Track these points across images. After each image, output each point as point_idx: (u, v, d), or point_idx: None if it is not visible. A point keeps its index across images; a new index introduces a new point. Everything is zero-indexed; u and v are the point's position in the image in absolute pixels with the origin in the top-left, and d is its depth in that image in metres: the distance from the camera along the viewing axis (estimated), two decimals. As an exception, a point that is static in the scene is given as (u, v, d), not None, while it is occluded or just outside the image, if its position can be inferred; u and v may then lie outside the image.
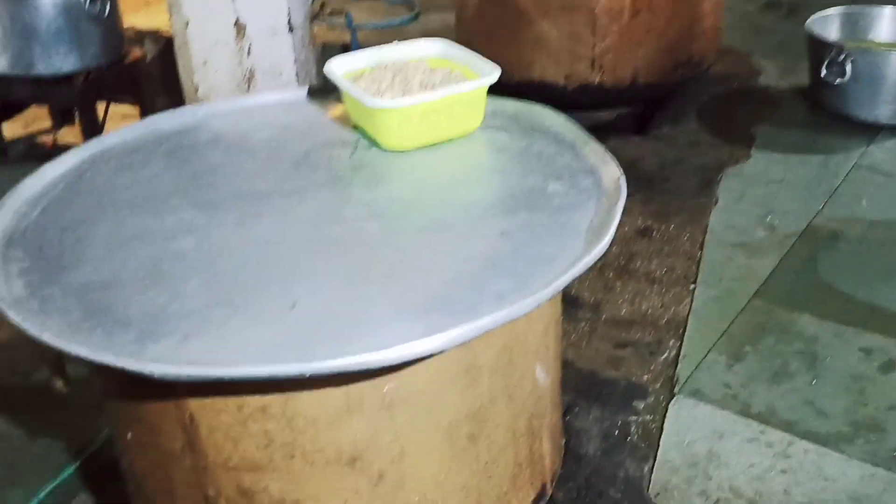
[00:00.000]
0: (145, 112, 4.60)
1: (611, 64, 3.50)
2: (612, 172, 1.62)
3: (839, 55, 3.45)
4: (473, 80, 1.79)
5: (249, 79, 4.09)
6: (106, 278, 1.42)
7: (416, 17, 5.23)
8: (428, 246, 1.47)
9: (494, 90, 1.86)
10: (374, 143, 1.83)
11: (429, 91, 1.78)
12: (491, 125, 1.88)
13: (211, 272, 1.42)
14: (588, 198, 1.57)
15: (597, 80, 3.53)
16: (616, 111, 3.79)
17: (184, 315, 1.32)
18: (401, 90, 1.81)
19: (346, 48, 4.72)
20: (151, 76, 4.67)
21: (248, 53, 4.01)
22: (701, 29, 3.61)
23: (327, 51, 4.80)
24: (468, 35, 3.84)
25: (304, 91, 2.12)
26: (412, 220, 1.56)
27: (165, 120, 1.98)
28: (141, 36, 4.97)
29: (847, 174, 3.22)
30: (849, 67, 3.42)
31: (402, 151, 1.79)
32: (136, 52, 4.55)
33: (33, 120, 4.75)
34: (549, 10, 3.45)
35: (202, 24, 3.94)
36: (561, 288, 1.30)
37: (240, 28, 3.93)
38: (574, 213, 1.52)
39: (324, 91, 2.10)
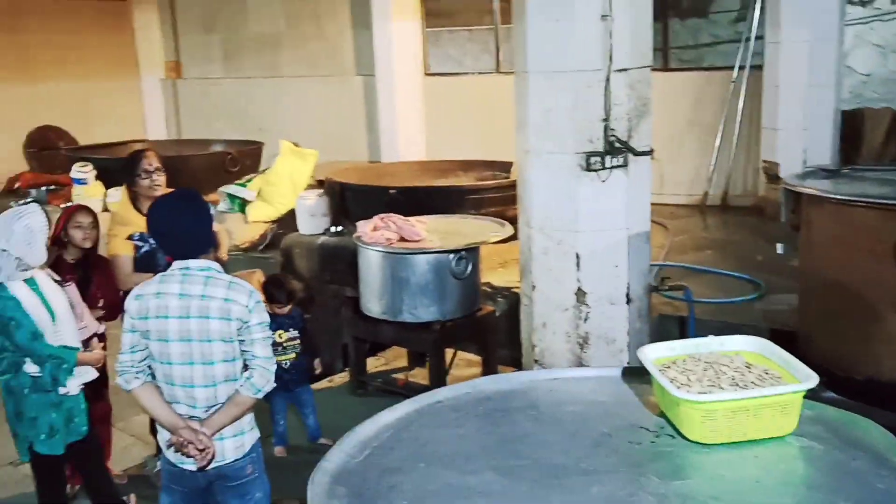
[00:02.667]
0: (488, 361, 5.00)
1: (980, 371, 3.13)
2: (941, 510, 1.44)
3: None
4: (788, 385, 1.75)
5: (583, 343, 4.30)
6: (405, 527, 1.56)
7: (760, 296, 5.16)
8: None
9: (836, 386, 1.80)
10: (677, 432, 1.83)
11: (738, 389, 1.77)
12: (806, 432, 1.79)
13: (495, 539, 1.49)
14: (907, 536, 1.40)
15: (961, 387, 3.16)
16: None
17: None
18: (710, 384, 1.82)
19: (682, 322, 4.78)
20: (498, 329, 5.10)
21: (586, 320, 4.24)
22: None
23: (663, 322, 4.89)
24: (810, 323, 3.71)
25: (618, 370, 2.20)
26: (701, 525, 1.51)
27: (488, 383, 2.18)
28: (494, 292, 5.51)
29: None
30: None
31: (704, 445, 1.77)
32: (487, 307, 5.04)
33: (394, 358, 5.39)
34: (903, 307, 3.23)
35: (547, 288, 4.30)
36: None
37: (580, 296, 4.22)
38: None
39: (639, 372, 2.16)
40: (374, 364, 5.25)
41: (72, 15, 10.83)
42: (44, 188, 8.42)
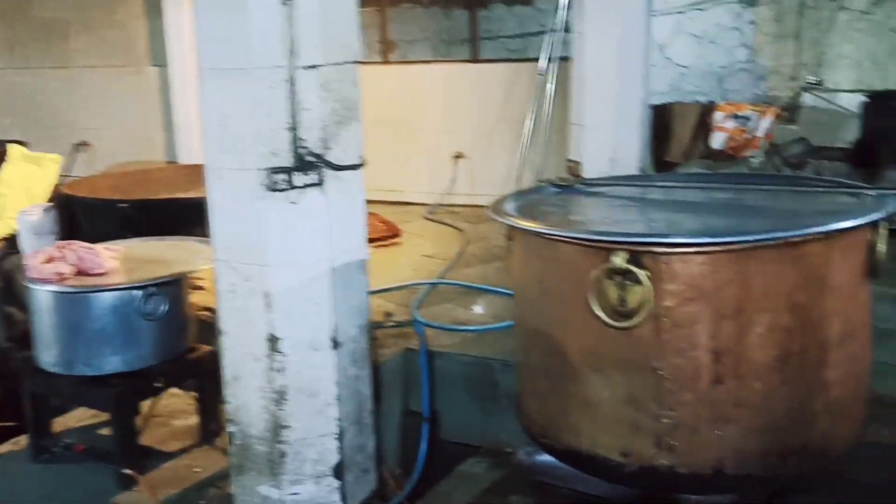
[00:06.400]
0: (204, 410, 4.22)
1: (685, 443, 2.55)
2: None
3: None
4: None
5: (279, 399, 3.55)
6: None
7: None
8: None
9: None
10: None
11: None
12: None
13: None
14: None
15: (665, 461, 2.58)
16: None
17: None
18: None
19: (431, 356, 4.10)
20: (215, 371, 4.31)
21: (282, 371, 3.50)
22: (824, 404, 2.57)
23: (409, 358, 4.23)
24: (521, 383, 3.07)
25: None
26: None
27: None
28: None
29: None
30: None
31: None
32: (206, 347, 4.25)
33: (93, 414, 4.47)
34: (601, 364, 2.62)
35: (238, 335, 3.54)
36: None
37: (274, 342, 3.47)
38: None
39: None
40: (78, 418, 4.38)
41: None
42: None
